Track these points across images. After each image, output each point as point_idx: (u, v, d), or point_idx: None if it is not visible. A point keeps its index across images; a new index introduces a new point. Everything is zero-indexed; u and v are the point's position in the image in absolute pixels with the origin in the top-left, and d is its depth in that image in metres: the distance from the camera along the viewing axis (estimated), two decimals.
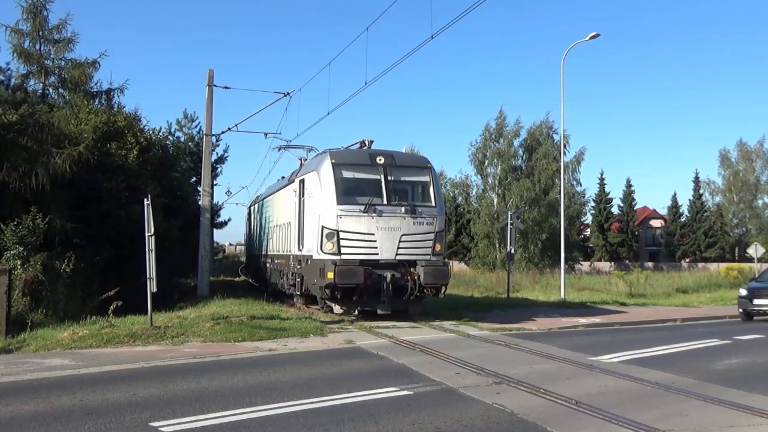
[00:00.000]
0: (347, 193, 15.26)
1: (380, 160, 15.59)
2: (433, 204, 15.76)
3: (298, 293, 18.07)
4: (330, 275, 14.28)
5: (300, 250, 16.81)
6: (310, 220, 15.77)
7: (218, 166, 46.58)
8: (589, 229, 69.10)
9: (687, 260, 65.96)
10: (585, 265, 58.45)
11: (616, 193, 73.20)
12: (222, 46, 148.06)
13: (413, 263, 15.12)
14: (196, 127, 45.23)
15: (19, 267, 15.27)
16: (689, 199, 70.81)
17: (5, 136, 17.13)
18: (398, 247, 14.99)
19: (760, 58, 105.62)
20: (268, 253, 23.44)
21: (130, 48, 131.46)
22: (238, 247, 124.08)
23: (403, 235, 15.06)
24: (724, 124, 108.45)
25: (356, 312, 15.55)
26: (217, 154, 44.96)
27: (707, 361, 11.36)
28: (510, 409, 7.39)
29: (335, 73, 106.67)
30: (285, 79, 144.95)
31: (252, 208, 31.46)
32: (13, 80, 24.72)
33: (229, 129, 26.60)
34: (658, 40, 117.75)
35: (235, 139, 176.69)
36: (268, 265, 23.75)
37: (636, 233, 70.74)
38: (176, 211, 25.25)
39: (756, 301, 19.73)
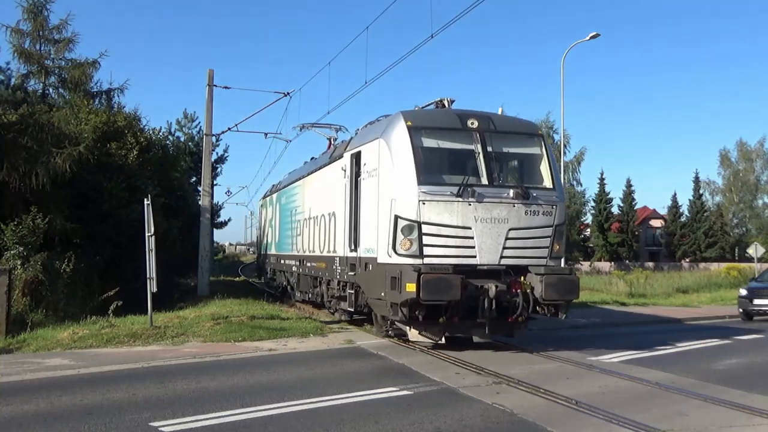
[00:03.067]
0: (431, 168, 11.03)
1: (473, 123, 11.24)
2: (550, 185, 11.40)
3: (351, 309, 13.32)
4: (410, 287, 9.96)
5: (353, 250, 12.53)
6: (374, 207, 11.44)
7: (218, 166, 46.59)
8: (589, 229, 69.09)
9: (687, 260, 65.97)
10: (585, 265, 58.41)
11: (616, 193, 73.39)
12: (222, 46, 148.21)
13: (523, 270, 10.85)
14: (196, 127, 45.25)
15: (19, 267, 15.27)
16: (689, 199, 70.86)
17: (5, 136, 17.13)
18: (504, 247, 10.68)
19: (760, 58, 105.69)
20: (295, 254, 18.81)
21: (130, 48, 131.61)
22: (238, 247, 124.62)
23: (511, 229, 10.73)
24: (724, 124, 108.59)
25: (441, 340, 11.29)
26: (217, 154, 44.97)
27: (707, 361, 11.36)
28: (510, 409, 7.39)
29: (335, 72, 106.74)
30: (285, 79, 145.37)
31: (267, 200, 26.47)
32: (13, 80, 24.78)
33: (229, 129, 26.66)
34: (659, 40, 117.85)
35: (235, 139, 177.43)
36: (294, 269, 19.19)
37: (636, 233, 70.72)
38: (176, 211, 25.26)
39: (756, 301, 19.76)
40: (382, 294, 10.87)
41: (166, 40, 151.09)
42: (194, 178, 38.06)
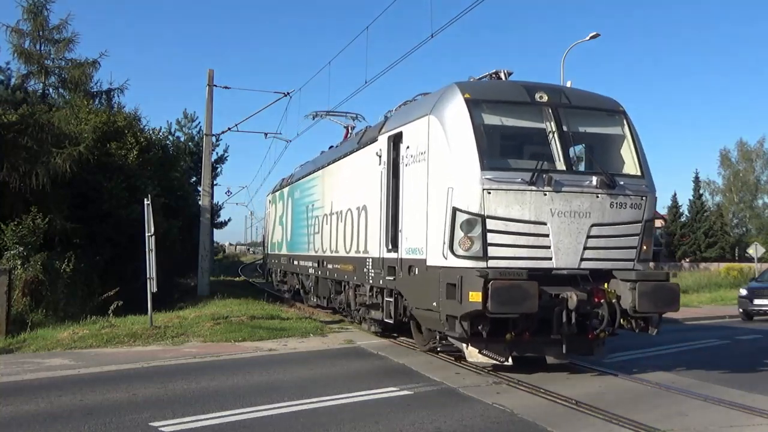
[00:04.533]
0: (495, 150, 9.32)
1: (542, 97, 9.39)
2: (638, 172, 9.46)
3: (389, 321, 11.30)
4: (474, 297, 8.13)
5: (392, 250, 10.73)
6: (421, 199, 9.56)
7: (218, 166, 46.54)
8: None
9: (687, 260, 65.96)
10: None
11: None
12: (222, 46, 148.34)
13: (605, 275, 8.98)
14: (196, 127, 45.23)
15: (19, 267, 15.29)
16: (689, 199, 70.79)
17: (5, 136, 17.15)
18: (585, 247, 8.83)
19: (760, 58, 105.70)
20: (312, 254, 16.80)
21: (130, 48, 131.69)
22: (238, 247, 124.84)
23: (593, 225, 8.87)
24: (724, 124, 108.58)
25: (507, 360, 9.08)
26: (217, 154, 44.91)
27: (707, 361, 11.35)
28: (510, 409, 7.38)
29: (335, 72, 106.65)
30: (285, 79, 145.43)
31: (275, 195, 23.73)
32: (13, 80, 24.82)
33: (229, 129, 26.71)
34: (658, 40, 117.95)
35: (235, 139, 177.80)
36: (310, 271, 17.17)
37: None
38: (176, 211, 25.29)
39: (756, 301, 19.78)
40: (434, 304, 8.97)
41: (166, 40, 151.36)
42: (194, 178, 38.08)
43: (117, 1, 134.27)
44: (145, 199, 13.42)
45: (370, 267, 11.88)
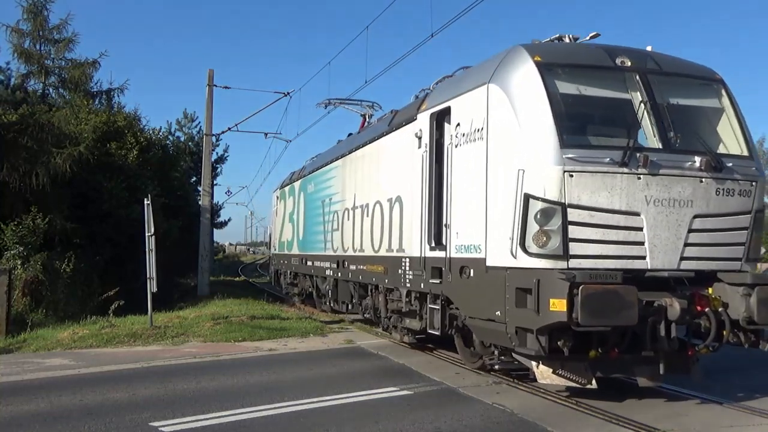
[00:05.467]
0: (575, 126, 7.70)
1: (624, 61, 7.82)
2: (745, 152, 7.89)
3: (434, 332, 9.41)
4: (557, 305, 6.61)
5: (437, 247, 9.13)
6: (479, 185, 7.96)
7: (218, 166, 46.64)
8: None
9: None
10: None
11: None
12: (222, 46, 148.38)
13: (708, 277, 7.41)
14: (196, 127, 45.31)
15: (19, 267, 15.32)
16: None
17: (5, 136, 17.17)
18: (686, 243, 7.28)
19: (760, 57, 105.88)
20: (329, 254, 14.99)
21: (130, 48, 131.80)
22: (238, 247, 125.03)
23: (696, 216, 7.32)
24: None
25: (591, 383, 7.46)
26: (217, 154, 45.00)
27: (707, 361, 11.33)
28: (510, 409, 7.38)
29: (335, 72, 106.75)
30: (285, 79, 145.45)
31: (285, 190, 21.36)
32: (13, 80, 24.89)
33: (229, 129, 26.81)
34: (657, 39, 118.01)
35: (235, 139, 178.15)
36: (327, 273, 15.33)
37: None
38: (176, 211, 25.35)
39: None
40: (497, 313, 7.43)
41: (166, 40, 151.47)
42: (194, 178, 38.14)
43: (117, 1, 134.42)
44: (145, 199, 13.43)
45: (408, 268, 10.23)
